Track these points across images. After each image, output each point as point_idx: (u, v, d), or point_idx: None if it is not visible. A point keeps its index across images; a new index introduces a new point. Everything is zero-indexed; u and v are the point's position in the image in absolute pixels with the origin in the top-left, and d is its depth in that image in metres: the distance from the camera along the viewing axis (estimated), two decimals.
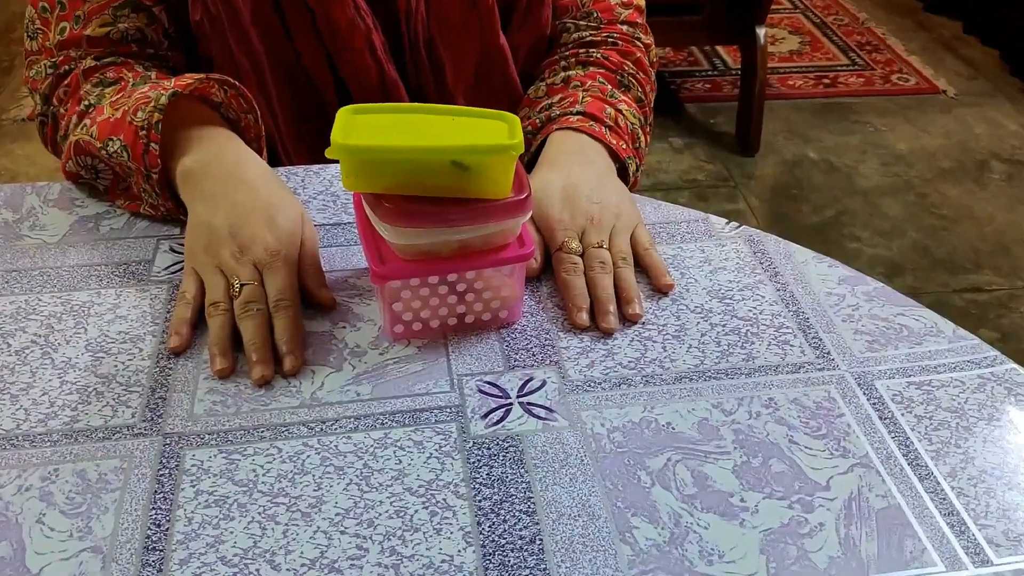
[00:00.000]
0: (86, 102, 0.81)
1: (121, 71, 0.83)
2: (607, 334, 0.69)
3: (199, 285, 0.69)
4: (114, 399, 0.64)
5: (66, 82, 0.83)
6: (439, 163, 0.63)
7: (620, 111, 0.86)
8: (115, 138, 0.76)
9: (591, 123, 0.84)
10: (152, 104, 0.75)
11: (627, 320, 0.71)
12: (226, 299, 0.68)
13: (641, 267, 0.75)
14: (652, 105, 0.95)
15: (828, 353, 0.69)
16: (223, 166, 0.74)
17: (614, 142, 0.84)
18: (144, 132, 0.74)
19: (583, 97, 0.86)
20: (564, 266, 0.73)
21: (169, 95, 0.75)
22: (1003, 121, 2.61)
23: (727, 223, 0.82)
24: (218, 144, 0.76)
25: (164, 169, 0.76)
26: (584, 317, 0.70)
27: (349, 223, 0.81)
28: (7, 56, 2.81)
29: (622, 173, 0.85)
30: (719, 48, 2.97)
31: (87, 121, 0.79)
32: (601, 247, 0.74)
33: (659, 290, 0.73)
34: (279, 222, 0.70)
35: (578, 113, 0.85)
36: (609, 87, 0.89)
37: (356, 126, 0.64)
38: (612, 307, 0.70)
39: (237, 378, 0.65)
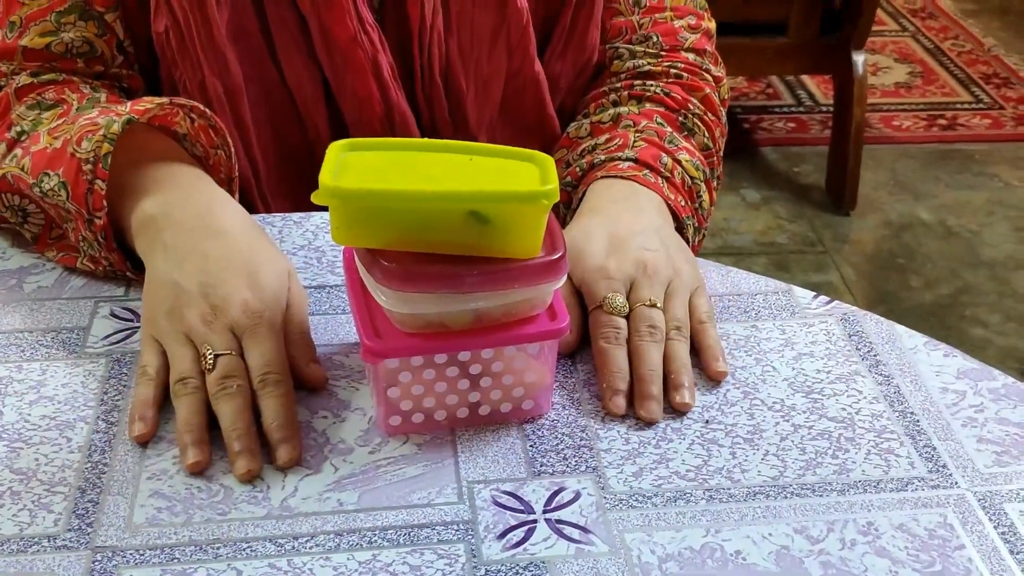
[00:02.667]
0: (18, 128, 0.84)
1: (63, 91, 0.85)
2: (647, 423, 0.70)
3: (163, 358, 0.70)
4: (33, 502, 0.64)
5: None
6: (453, 213, 0.64)
7: (679, 161, 0.88)
8: (52, 173, 0.78)
9: (644, 172, 0.85)
10: (101, 132, 0.77)
11: (674, 410, 0.71)
12: (196, 374, 0.69)
13: (692, 344, 0.76)
14: (722, 153, 0.96)
15: (944, 467, 0.68)
16: (192, 212, 0.76)
17: (672, 197, 0.85)
18: (89, 167, 0.76)
19: (635, 140, 0.88)
20: (603, 331, 0.73)
21: (123, 122, 0.77)
22: None
23: (815, 297, 0.83)
24: (186, 184, 0.78)
25: (111, 213, 0.78)
26: (620, 403, 0.71)
27: (337, 286, 0.82)
28: None
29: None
30: (805, 78, 3.02)
31: (18, 151, 0.82)
32: (653, 307, 0.74)
33: (708, 377, 0.74)
34: (262, 279, 0.72)
35: (628, 159, 0.86)
36: (668, 130, 0.91)
37: (350, 166, 0.65)
38: (657, 390, 0.71)
39: (188, 479, 0.66)
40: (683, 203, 0.86)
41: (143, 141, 0.80)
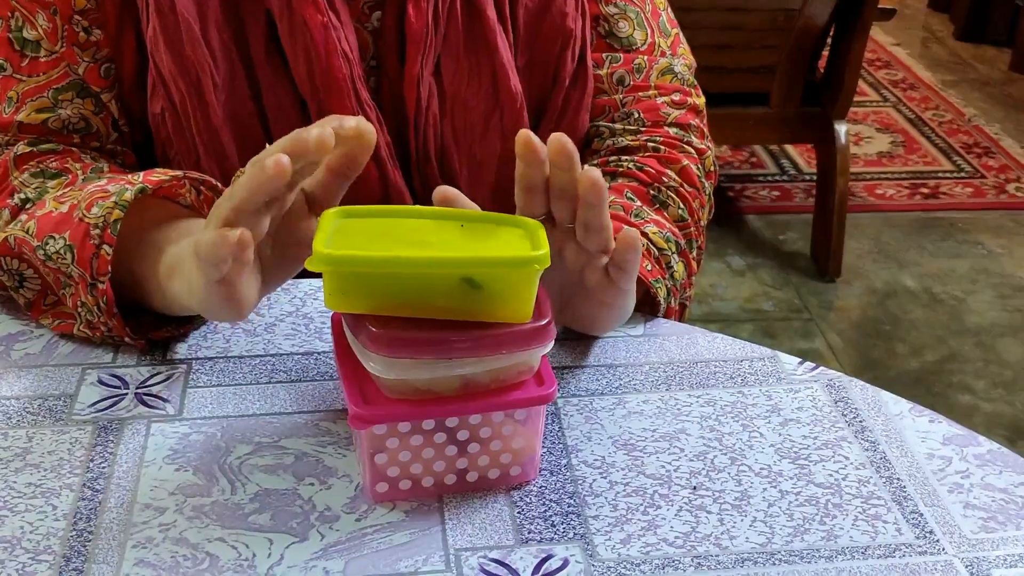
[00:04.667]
0: (22, 195, 0.84)
1: (66, 161, 0.86)
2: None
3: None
4: (18, 570, 0.63)
5: None
6: (446, 279, 0.65)
7: (645, 233, 0.88)
8: (58, 236, 0.78)
9: None
10: (113, 199, 0.77)
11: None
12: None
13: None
14: (702, 225, 0.96)
15: (931, 532, 0.68)
16: None
17: None
18: (97, 231, 0.77)
19: None
20: None
21: (136, 191, 0.78)
22: None
23: (800, 364, 0.83)
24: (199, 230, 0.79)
25: (113, 278, 0.78)
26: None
27: (325, 352, 0.82)
28: None
29: (649, 302, 0.86)
30: (789, 148, 3.05)
31: (23, 217, 0.82)
32: None
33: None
34: None
35: None
36: (637, 204, 0.91)
37: (343, 233, 0.66)
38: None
39: (174, 546, 0.65)
40: (649, 267, 0.86)
41: (152, 210, 0.81)
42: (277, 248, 0.72)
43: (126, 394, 0.78)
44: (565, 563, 0.65)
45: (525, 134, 0.70)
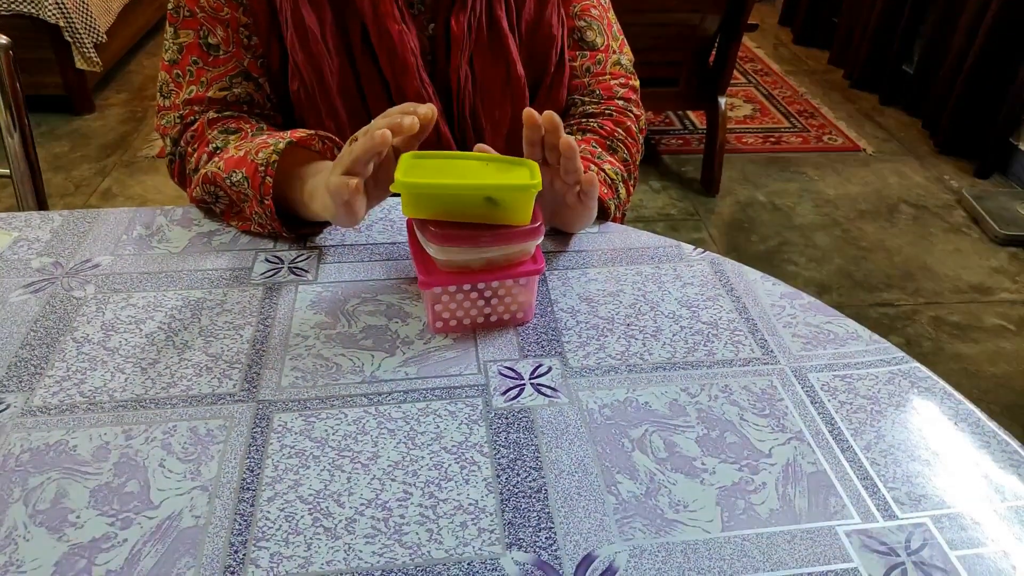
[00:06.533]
0: (214, 144, 0.82)
1: (240, 123, 0.84)
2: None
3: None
4: (220, 373, 0.64)
5: (192, 128, 0.84)
6: (476, 198, 0.63)
7: (603, 168, 0.85)
8: (238, 171, 0.77)
9: None
10: (271, 148, 0.76)
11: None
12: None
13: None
14: (637, 163, 0.93)
15: (772, 351, 0.68)
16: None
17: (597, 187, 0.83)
18: (263, 168, 0.75)
19: None
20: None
21: (286, 143, 0.76)
22: (910, 174, 2.60)
23: (694, 249, 0.82)
24: (326, 170, 0.77)
25: (276, 197, 0.77)
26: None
27: (402, 242, 0.81)
28: (141, 109, 2.85)
29: (604, 212, 0.85)
30: (690, 112, 2.97)
31: (216, 159, 0.80)
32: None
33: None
34: None
35: None
36: (598, 150, 0.88)
37: (414, 167, 0.64)
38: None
39: (315, 359, 0.66)
40: (605, 191, 0.84)
41: (295, 155, 0.79)
42: (376, 181, 0.70)
43: (282, 267, 0.77)
44: (550, 369, 0.65)
45: (527, 111, 0.67)
